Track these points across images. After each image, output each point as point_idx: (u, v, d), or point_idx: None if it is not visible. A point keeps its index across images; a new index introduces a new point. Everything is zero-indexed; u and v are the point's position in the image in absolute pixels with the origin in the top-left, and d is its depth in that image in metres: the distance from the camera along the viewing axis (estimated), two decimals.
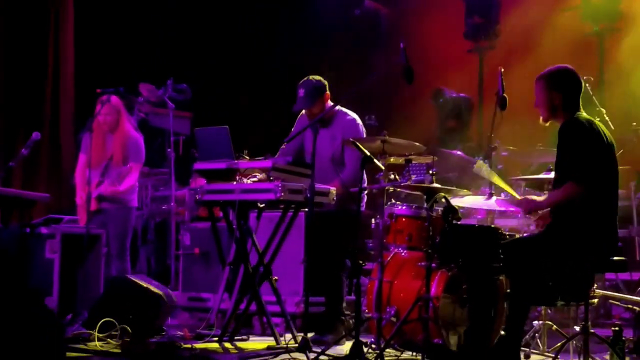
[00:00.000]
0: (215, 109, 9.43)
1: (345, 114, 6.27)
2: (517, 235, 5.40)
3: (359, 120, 6.29)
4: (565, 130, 4.79)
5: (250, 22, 10.22)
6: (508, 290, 4.80)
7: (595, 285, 5.06)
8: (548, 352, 5.51)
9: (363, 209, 6.25)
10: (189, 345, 5.57)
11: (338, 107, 6.17)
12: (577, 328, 5.13)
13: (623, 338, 5.10)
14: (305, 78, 6.20)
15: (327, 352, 5.25)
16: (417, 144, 5.54)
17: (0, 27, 8.87)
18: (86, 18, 9.36)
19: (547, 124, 4.97)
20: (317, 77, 6.22)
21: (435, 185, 5.37)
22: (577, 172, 4.67)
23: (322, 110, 6.10)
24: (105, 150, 6.75)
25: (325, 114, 6.00)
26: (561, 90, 4.87)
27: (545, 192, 5.50)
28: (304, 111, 6.24)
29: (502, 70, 5.36)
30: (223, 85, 9.98)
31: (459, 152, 7.30)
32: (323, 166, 5.96)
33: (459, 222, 5.40)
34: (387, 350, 5.21)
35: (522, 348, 5.32)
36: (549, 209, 4.93)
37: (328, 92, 6.23)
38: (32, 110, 9.04)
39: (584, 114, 4.89)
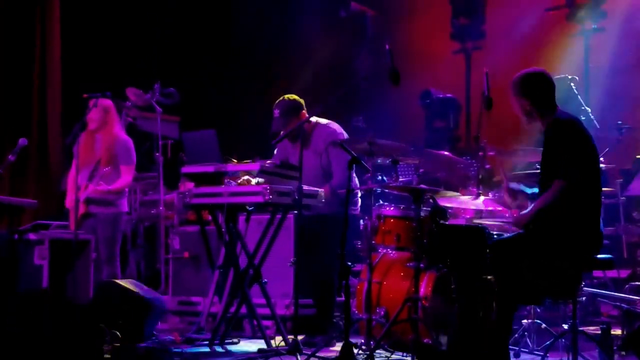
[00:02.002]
0: (203, 112, 9.43)
1: (325, 125, 6.27)
2: (505, 235, 5.43)
3: (340, 129, 6.29)
4: (552, 129, 4.83)
5: (236, 25, 10.23)
6: (496, 290, 4.83)
7: (583, 283, 5.09)
8: (537, 350, 5.54)
9: (357, 212, 6.28)
10: (179, 350, 5.57)
11: (315, 120, 6.18)
12: (566, 326, 5.16)
13: (611, 335, 5.14)
14: (280, 98, 6.20)
15: (317, 354, 5.26)
16: (405, 144, 5.56)
17: None
18: (72, 23, 9.34)
19: (530, 125, 5.01)
20: (293, 97, 6.22)
21: (423, 185, 5.40)
22: (564, 170, 4.70)
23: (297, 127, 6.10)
24: (93, 151, 6.72)
25: (303, 128, 5.93)
26: (528, 95, 4.92)
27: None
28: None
29: (488, 71, 5.39)
30: (210, 89, 9.99)
31: (446, 153, 7.32)
32: (309, 180, 5.95)
33: (446, 223, 5.42)
34: (377, 351, 5.23)
35: (512, 347, 5.35)
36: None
37: (304, 111, 6.22)
38: (20, 116, 9.01)
39: (565, 113, 4.92)
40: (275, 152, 6.37)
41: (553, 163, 4.80)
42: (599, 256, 4.83)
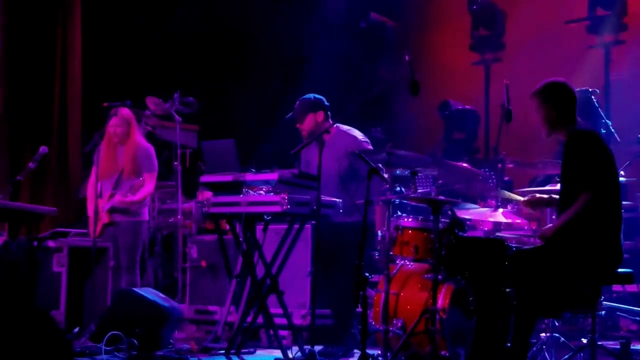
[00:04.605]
0: (222, 121, 9.46)
1: (346, 132, 6.28)
2: (524, 247, 5.40)
3: (361, 136, 6.29)
4: (573, 142, 4.81)
5: (255, 34, 10.26)
6: (515, 302, 4.80)
7: (602, 297, 5.05)
8: None
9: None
10: (195, 359, 5.57)
11: (336, 125, 6.19)
12: (585, 340, 5.12)
13: (631, 350, 5.09)
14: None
15: None
16: (423, 156, 5.55)
17: (7, 40, 8.93)
18: (93, 32, 9.41)
19: (551, 137, 4.99)
20: (318, 96, 6.27)
21: (441, 197, 5.38)
22: (591, 181, 4.68)
23: (312, 127, 6.13)
24: (116, 162, 6.76)
25: (327, 129, 5.96)
26: (553, 102, 4.91)
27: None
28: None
29: (508, 83, 5.38)
30: (230, 98, 10.02)
31: (465, 164, 7.30)
32: (328, 186, 5.94)
33: (465, 234, 5.40)
34: None
35: None
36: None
37: (325, 112, 6.24)
38: (40, 124, 9.08)
39: (585, 125, 4.91)
40: (300, 157, 6.39)
41: (574, 175, 4.77)
42: (618, 270, 4.79)
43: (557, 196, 5.26)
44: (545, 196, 5.21)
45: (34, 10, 9.08)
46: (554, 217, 5.58)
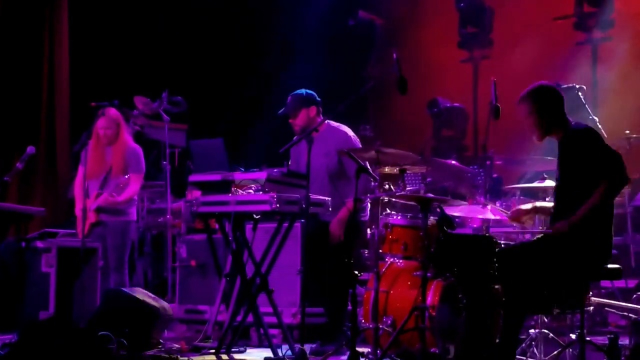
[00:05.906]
0: (211, 121, 9.45)
1: (337, 128, 6.29)
2: (512, 244, 5.42)
3: (351, 133, 6.31)
4: (573, 139, 4.82)
5: (244, 33, 10.26)
6: (503, 299, 4.81)
7: (591, 292, 5.07)
8: None
9: (367, 218, 6.28)
10: (186, 358, 5.57)
11: (327, 122, 6.20)
12: (573, 336, 5.14)
13: (619, 346, 5.11)
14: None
15: None
16: (412, 153, 5.55)
17: None
18: (81, 32, 9.39)
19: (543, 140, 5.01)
20: (310, 91, 6.28)
21: (430, 194, 5.39)
22: (607, 170, 4.70)
23: (305, 122, 6.14)
24: (104, 162, 6.74)
25: (315, 127, 5.97)
26: (543, 106, 4.91)
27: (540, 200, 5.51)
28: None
29: (496, 80, 5.39)
30: (218, 97, 10.01)
31: (453, 162, 7.32)
32: (317, 182, 5.95)
33: (454, 232, 5.42)
34: None
35: (519, 356, 5.33)
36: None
37: (317, 107, 6.25)
38: (28, 124, 9.05)
39: (580, 123, 4.93)
40: (290, 155, 6.39)
41: (574, 173, 4.78)
42: (607, 266, 4.81)
43: (540, 203, 5.25)
44: (529, 206, 5.16)
45: (20, 11, 9.04)
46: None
